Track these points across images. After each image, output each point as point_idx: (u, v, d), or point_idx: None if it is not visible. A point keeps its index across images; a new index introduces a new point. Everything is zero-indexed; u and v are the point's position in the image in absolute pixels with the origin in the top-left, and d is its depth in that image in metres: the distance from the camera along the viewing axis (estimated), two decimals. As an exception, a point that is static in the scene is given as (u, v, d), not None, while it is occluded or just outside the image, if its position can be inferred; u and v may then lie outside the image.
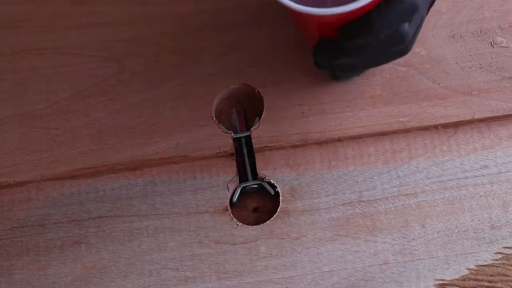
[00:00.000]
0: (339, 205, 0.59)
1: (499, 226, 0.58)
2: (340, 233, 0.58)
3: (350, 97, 0.61)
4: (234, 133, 0.61)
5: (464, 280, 0.57)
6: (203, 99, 0.62)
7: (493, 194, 0.59)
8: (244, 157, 0.60)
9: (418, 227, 0.58)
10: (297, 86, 0.61)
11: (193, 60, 0.63)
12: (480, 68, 0.61)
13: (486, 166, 0.59)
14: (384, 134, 0.60)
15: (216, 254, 0.58)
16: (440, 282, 0.57)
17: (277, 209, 0.59)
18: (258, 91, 0.61)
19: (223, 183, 0.60)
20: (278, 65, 0.62)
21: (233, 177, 0.60)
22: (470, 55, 0.62)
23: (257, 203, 0.60)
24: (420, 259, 0.57)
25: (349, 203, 0.59)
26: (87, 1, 0.65)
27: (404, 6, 0.49)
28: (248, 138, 0.61)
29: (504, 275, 0.57)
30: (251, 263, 0.58)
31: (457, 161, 0.60)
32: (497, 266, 0.57)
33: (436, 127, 0.60)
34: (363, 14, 0.49)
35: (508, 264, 0.57)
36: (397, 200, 0.59)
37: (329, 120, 0.60)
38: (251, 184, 0.60)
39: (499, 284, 0.57)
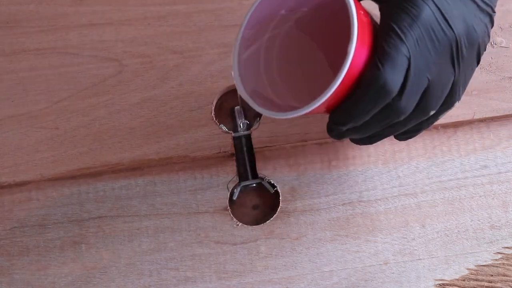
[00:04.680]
0: (339, 205, 0.59)
1: (499, 226, 0.58)
2: (340, 233, 0.58)
3: (350, 97, 0.61)
4: (234, 132, 0.61)
5: (464, 280, 0.57)
6: (203, 99, 0.62)
7: (493, 194, 0.59)
8: (244, 157, 0.60)
9: (418, 227, 0.58)
10: (297, 86, 0.61)
11: (193, 60, 0.63)
12: (480, 68, 0.61)
13: (486, 166, 0.59)
14: (384, 134, 0.60)
15: (216, 254, 0.58)
16: (440, 282, 0.57)
17: (277, 206, 0.59)
18: (258, 91, 0.61)
19: (223, 183, 0.60)
20: (278, 65, 0.62)
21: (233, 177, 0.60)
22: (470, 55, 0.62)
23: (257, 201, 0.60)
24: (420, 259, 0.57)
25: (349, 203, 0.59)
26: (87, 1, 0.65)
27: (373, 92, 0.46)
28: (248, 138, 0.61)
29: (504, 275, 0.57)
30: (251, 263, 0.58)
31: (457, 161, 0.60)
32: (497, 266, 0.57)
33: (436, 127, 0.60)
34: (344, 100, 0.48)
35: (508, 264, 0.57)
36: (397, 200, 0.59)
37: (329, 120, 0.60)
38: (251, 183, 0.60)
39: (499, 284, 0.57)
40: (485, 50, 0.50)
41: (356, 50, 0.46)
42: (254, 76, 0.52)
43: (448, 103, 0.50)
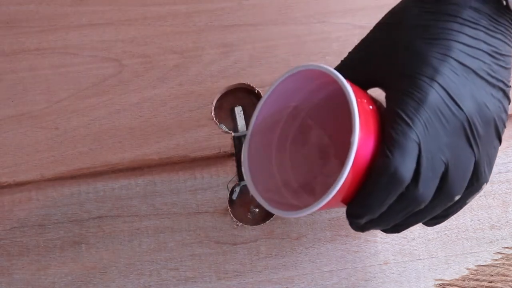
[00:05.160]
0: (339, 205, 0.59)
1: (499, 226, 0.58)
2: (340, 233, 0.58)
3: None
4: (234, 132, 0.61)
5: (464, 280, 0.57)
6: (203, 99, 0.62)
7: (493, 194, 0.59)
8: (244, 157, 0.60)
9: (418, 227, 0.58)
10: (297, 86, 0.61)
11: (193, 60, 0.63)
12: (480, 68, 0.61)
13: (486, 166, 0.59)
14: (384, 134, 0.60)
15: (216, 254, 0.58)
16: (440, 282, 0.57)
17: (277, 209, 0.59)
18: (258, 91, 0.61)
19: (223, 183, 0.60)
20: (278, 65, 0.62)
21: (233, 177, 0.60)
22: (470, 55, 0.62)
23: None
24: (420, 259, 0.57)
25: (349, 203, 0.59)
26: (87, 1, 0.65)
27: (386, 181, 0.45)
28: (248, 138, 0.61)
29: (504, 275, 0.57)
30: (251, 263, 0.58)
31: (457, 161, 0.60)
32: (497, 266, 0.57)
33: (436, 127, 0.60)
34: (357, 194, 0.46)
35: (508, 264, 0.57)
36: (397, 200, 0.59)
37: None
38: (251, 184, 0.60)
39: (499, 284, 0.57)
40: (505, 126, 0.48)
41: (361, 141, 0.44)
42: (265, 172, 0.52)
43: (474, 185, 0.48)
